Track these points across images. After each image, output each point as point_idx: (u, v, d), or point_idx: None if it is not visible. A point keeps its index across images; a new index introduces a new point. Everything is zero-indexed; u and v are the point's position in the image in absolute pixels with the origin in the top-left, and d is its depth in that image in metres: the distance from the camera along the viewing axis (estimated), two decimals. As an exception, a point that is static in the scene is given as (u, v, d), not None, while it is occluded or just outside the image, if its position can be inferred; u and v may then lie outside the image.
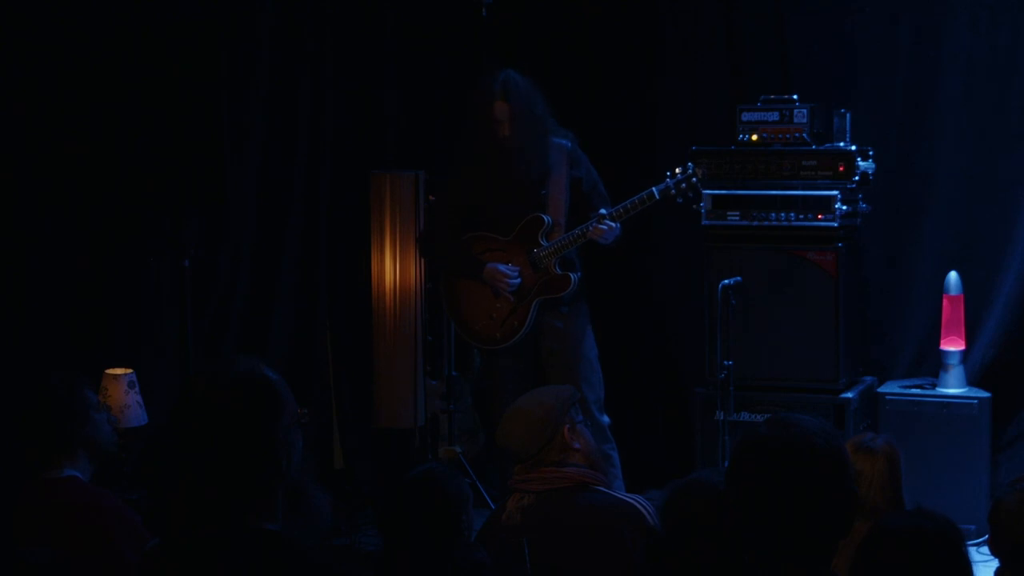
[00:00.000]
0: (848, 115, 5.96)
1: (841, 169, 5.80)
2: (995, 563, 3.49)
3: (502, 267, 5.55)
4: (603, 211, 5.47)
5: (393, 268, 6.16)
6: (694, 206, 5.87)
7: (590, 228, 5.45)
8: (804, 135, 5.88)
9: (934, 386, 5.89)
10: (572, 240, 5.51)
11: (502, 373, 5.64)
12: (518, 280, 5.55)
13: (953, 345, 5.85)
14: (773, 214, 5.87)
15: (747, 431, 2.64)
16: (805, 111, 5.88)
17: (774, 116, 5.93)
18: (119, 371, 5.34)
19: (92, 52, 5.66)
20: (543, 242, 5.54)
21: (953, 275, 5.85)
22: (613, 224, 5.44)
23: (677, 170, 5.52)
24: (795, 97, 5.92)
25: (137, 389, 5.35)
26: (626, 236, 5.61)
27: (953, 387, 5.83)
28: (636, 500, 3.79)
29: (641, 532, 3.63)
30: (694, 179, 5.51)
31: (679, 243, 6.36)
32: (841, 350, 5.80)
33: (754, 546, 2.52)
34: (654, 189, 5.47)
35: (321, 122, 6.66)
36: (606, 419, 5.62)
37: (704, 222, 5.96)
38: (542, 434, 3.87)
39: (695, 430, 6.00)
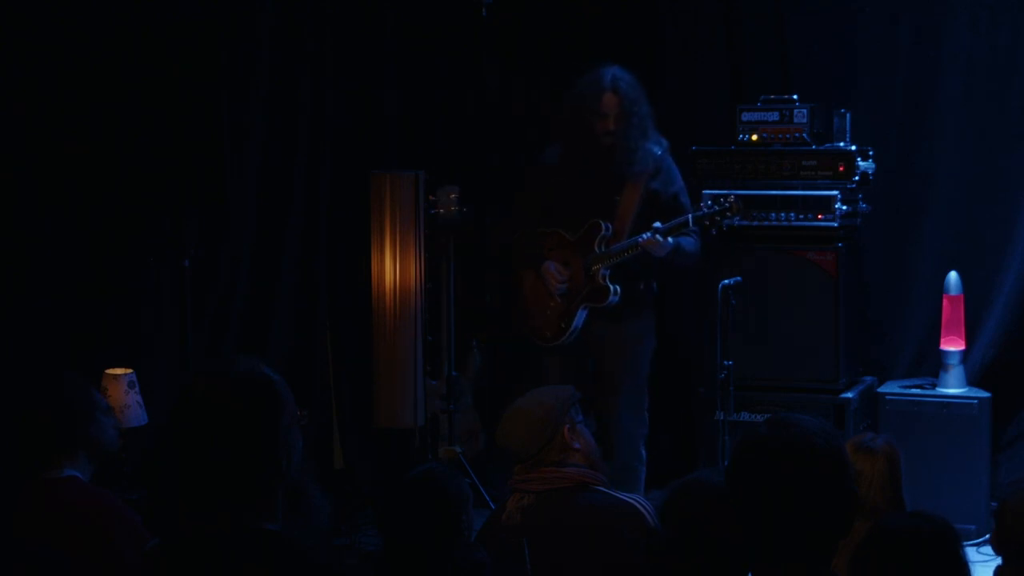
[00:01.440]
0: (848, 115, 5.96)
1: (841, 169, 5.80)
2: (994, 563, 3.49)
3: (554, 267, 5.57)
4: (657, 224, 5.41)
5: (393, 268, 6.16)
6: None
7: (641, 239, 5.41)
8: (804, 135, 5.88)
9: (934, 386, 5.89)
10: (621, 252, 5.47)
11: (545, 372, 5.62)
12: (565, 284, 5.56)
13: (953, 345, 5.85)
14: (773, 214, 5.87)
15: (747, 431, 2.64)
16: (805, 111, 5.88)
17: (774, 116, 5.93)
18: (119, 371, 5.34)
19: (92, 52, 5.66)
20: (597, 249, 5.53)
21: (953, 275, 5.85)
22: (662, 239, 5.36)
23: (720, 199, 5.39)
24: (795, 97, 5.93)
25: (137, 389, 5.35)
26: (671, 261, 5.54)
27: (953, 387, 5.83)
28: (636, 500, 3.79)
29: (641, 532, 3.63)
30: (728, 212, 5.35)
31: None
32: (841, 350, 5.81)
33: (755, 546, 2.52)
34: (689, 216, 5.40)
35: (321, 122, 6.66)
36: (644, 454, 5.61)
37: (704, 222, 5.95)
38: (542, 434, 3.86)
39: (695, 430, 6.00)
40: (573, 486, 3.80)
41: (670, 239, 5.39)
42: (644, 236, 5.38)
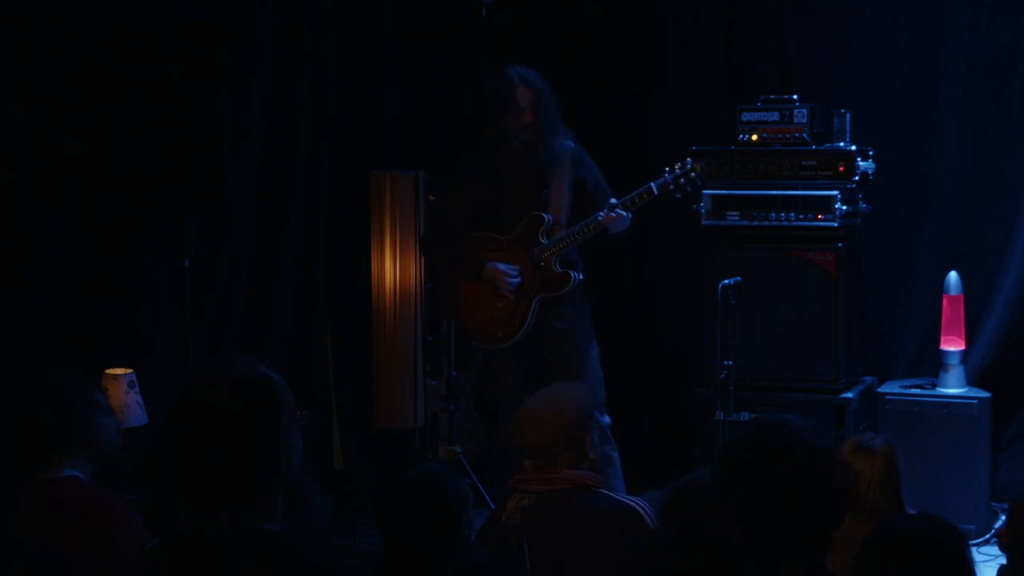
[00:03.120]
0: (848, 115, 5.96)
1: (841, 169, 5.80)
2: (995, 564, 3.50)
3: (502, 266, 5.54)
4: (613, 200, 5.44)
5: (393, 268, 6.16)
6: (694, 205, 5.87)
7: (600, 217, 5.42)
8: (804, 135, 5.88)
9: (934, 386, 5.89)
10: (574, 235, 5.49)
11: (505, 373, 5.62)
12: (518, 279, 5.54)
13: (953, 345, 5.85)
14: (773, 214, 5.87)
15: (735, 432, 2.66)
16: (805, 111, 5.88)
17: (774, 116, 5.93)
18: (119, 371, 5.34)
19: (92, 52, 5.66)
20: (543, 240, 5.54)
21: (953, 275, 5.85)
22: (624, 212, 5.41)
23: (676, 165, 5.50)
24: (795, 97, 5.93)
25: (137, 389, 5.35)
26: (626, 236, 5.59)
27: (953, 387, 5.83)
28: (636, 502, 3.79)
29: (641, 533, 3.63)
30: (692, 174, 5.46)
31: (679, 243, 6.36)
32: (841, 350, 5.81)
33: (748, 544, 2.53)
34: (652, 184, 5.45)
35: (321, 122, 6.66)
36: (607, 419, 5.61)
37: (704, 222, 5.96)
38: (567, 436, 3.84)
39: (695, 430, 6.00)
40: (573, 488, 3.80)
41: (627, 213, 5.42)
42: (602, 213, 5.41)
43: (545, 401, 4.00)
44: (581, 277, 5.56)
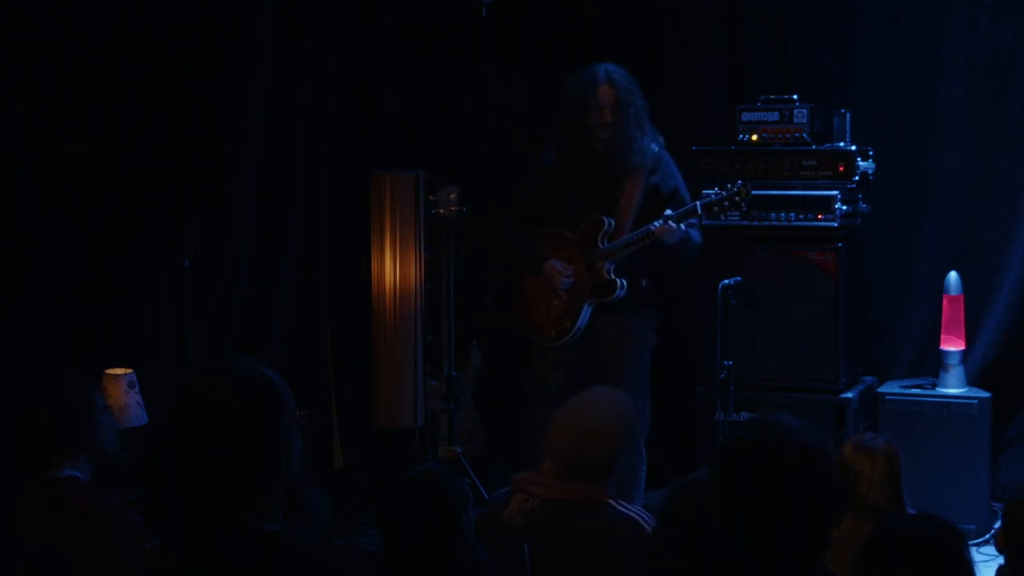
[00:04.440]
0: (848, 115, 5.96)
1: (841, 169, 5.81)
2: (995, 563, 3.49)
3: (558, 264, 5.56)
4: (669, 211, 5.42)
5: (393, 268, 6.16)
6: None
7: (654, 227, 5.39)
8: (804, 135, 5.88)
9: (934, 386, 5.89)
10: (628, 244, 5.46)
11: (553, 372, 5.61)
12: (571, 279, 5.55)
13: (953, 345, 5.85)
14: (773, 214, 5.87)
15: (732, 434, 2.67)
16: (805, 111, 5.89)
17: (774, 116, 5.93)
18: (119, 371, 5.34)
19: (92, 52, 5.65)
20: (601, 244, 5.53)
21: (953, 275, 5.85)
22: (675, 225, 5.36)
23: (727, 185, 5.44)
24: (795, 97, 5.93)
25: (137, 389, 5.35)
26: (683, 250, 5.54)
27: (953, 387, 5.83)
28: (640, 515, 3.73)
29: (641, 548, 3.59)
30: (737, 197, 5.40)
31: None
32: (841, 350, 5.81)
33: (749, 545, 2.53)
34: (697, 204, 5.41)
35: (321, 122, 6.65)
36: (644, 452, 5.59)
37: (704, 222, 5.95)
38: (603, 453, 3.76)
39: (695, 430, 6.00)
40: (578, 499, 3.74)
41: (682, 226, 5.39)
42: (656, 224, 5.38)
43: (588, 415, 3.86)
44: (642, 285, 5.52)
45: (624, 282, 5.50)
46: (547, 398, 5.32)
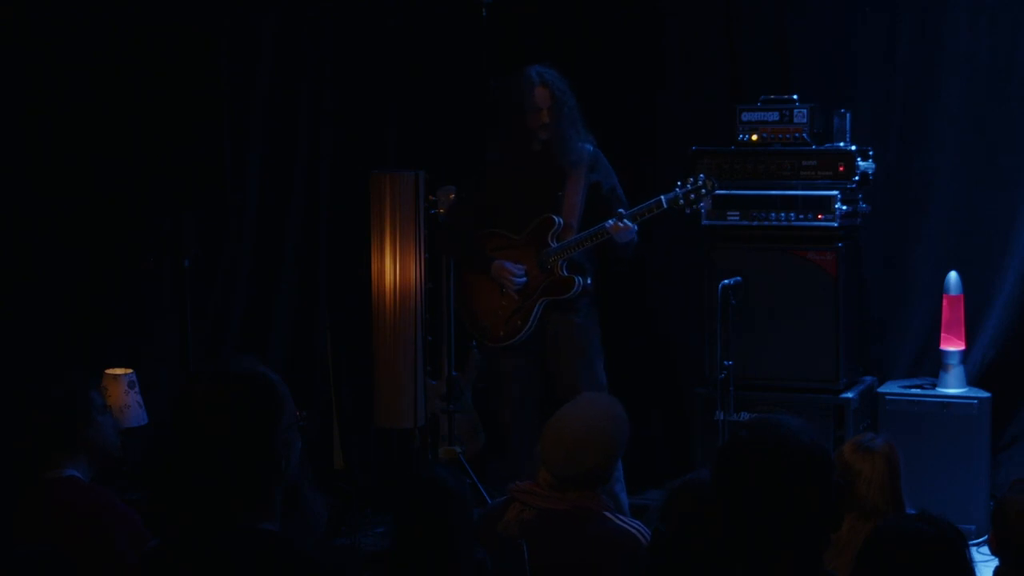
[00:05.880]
0: (848, 115, 5.96)
1: (841, 169, 5.80)
2: (994, 563, 3.49)
3: (508, 264, 5.56)
4: (622, 211, 5.45)
5: (393, 268, 6.16)
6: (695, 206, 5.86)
7: (608, 225, 5.42)
8: (804, 135, 5.88)
9: (934, 386, 5.89)
10: (581, 242, 5.49)
11: (506, 372, 5.64)
12: (523, 279, 5.55)
13: (953, 345, 5.85)
14: (773, 214, 5.87)
15: (732, 434, 2.67)
16: (805, 111, 5.88)
17: (774, 116, 5.93)
18: (119, 371, 5.35)
19: (93, 54, 5.66)
20: (552, 243, 5.54)
21: (953, 275, 5.85)
22: (631, 224, 5.42)
23: (688, 180, 5.46)
24: (795, 97, 5.92)
25: (137, 389, 5.36)
26: (632, 249, 5.57)
27: (953, 387, 5.83)
28: (636, 528, 3.71)
29: (639, 562, 3.57)
30: (703, 190, 5.44)
31: (679, 243, 6.36)
32: (841, 350, 5.81)
33: (749, 544, 2.53)
34: (662, 197, 5.44)
35: (321, 122, 6.66)
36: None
37: (704, 222, 5.96)
38: (599, 471, 3.76)
39: (695, 430, 6.00)
40: (573, 509, 3.73)
41: (633, 225, 5.42)
42: (610, 222, 5.41)
43: (579, 424, 3.83)
44: (587, 283, 5.55)
45: (580, 279, 5.52)
46: (507, 400, 5.49)
